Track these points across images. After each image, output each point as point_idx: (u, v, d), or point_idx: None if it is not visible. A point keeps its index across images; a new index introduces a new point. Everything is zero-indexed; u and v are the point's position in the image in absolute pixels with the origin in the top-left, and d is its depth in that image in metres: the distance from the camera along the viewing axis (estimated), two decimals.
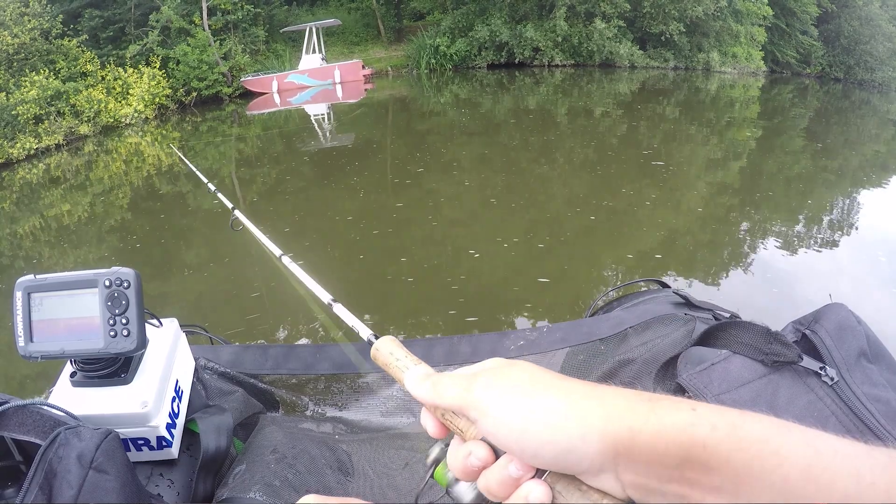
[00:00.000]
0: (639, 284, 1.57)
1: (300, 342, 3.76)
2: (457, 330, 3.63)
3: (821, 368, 0.81)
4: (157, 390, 0.75)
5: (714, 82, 17.72)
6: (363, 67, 18.12)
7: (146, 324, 0.77)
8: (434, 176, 7.52)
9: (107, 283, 0.70)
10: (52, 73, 12.84)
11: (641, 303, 1.23)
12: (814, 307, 0.91)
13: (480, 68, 19.33)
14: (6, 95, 11.41)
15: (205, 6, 15.97)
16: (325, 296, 0.78)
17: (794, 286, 4.36)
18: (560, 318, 3.79)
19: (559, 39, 18.36)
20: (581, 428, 0.34)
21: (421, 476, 0.47)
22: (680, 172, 7.43)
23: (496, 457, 0.38)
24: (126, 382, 0.75)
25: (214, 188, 1.67)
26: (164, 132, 13.28)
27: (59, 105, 12.34)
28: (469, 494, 0.42)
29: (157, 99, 14.77)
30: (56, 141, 11.87)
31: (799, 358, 0.82)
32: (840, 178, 7.77)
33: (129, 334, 0.70)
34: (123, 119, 13.78)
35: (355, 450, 0.97)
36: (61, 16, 13.90)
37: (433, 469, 0.44)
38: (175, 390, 0.81)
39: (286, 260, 1.09)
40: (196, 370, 0.92)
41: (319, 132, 12.00)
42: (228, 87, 16.44)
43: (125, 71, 14.53)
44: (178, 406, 0.81)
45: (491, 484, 0.38)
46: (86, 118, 12.80)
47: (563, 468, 0.35)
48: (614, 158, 8.09)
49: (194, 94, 15.83)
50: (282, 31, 18.72)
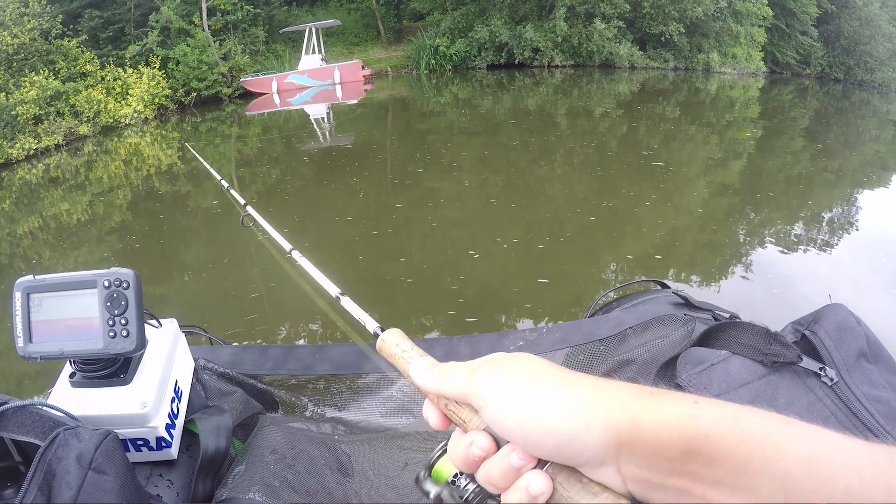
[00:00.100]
0: (638, 285, 1.57)
1: (299, 343, 3.76)
2: (456, 331, 3.63)
3: (820, 369, 0.81)
4: (157, 391, 0.75)
5: (714, 83, 17.72)
6: (363, 68, 18.14)
7: (145, 324, 0.77)
8: (434, 176, 7.52)
9: (106, 284, 0.70)
10: (52, 74, 12.83)
11: (641, 303, 1.23)
12: (814, 308, 0.91)
13: (480, 69, 19.33)
14: (6, 96, 11.40)
15: (204, 6, 15.98)
16: (334, 289, 0.79)
17: (794, 287, 4.36)
18: (560, 319, 3.79)
19: (559, 40, 18.37)
20: (585, 417, 0.34)
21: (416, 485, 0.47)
22: (680, 173, 7.43)
23: (497, 447, 0.38)
24: (125, 383, 0.75)
25: (227, 185, 1.69)
26: (164, 132, 13.28)
27: (59, 105, 12.34)
28: (468, 490, 0.42)
29: (157, 99, 14.78)
30: (55, 141, 11.87)
31: (798, 358, 0.82)
32: (840, 179, 7.77)
33: (129, 335, 0.70)
34: (123, 119, 13.78)
35: (355, 450, 0.97)
36: (61, 16, 13.90)
37: (435, 459, 0.44)
38: (174, 391, 0.81)
39: (296, 254, 1.11)
40: (195, 371, 0.92)
41: (319, 132, 12.00)
42: (228, 88, 16.45)
43: (125, 71, 14.53)
44: (178, 406, 0.81)
45: (492, 474, 0.38)
46: (85, 118, 12.80)
47: (565, 458, 0.35)
48: (614, 159, 8.09)
49: (194, 95, 15.83)
50: (281, 32, 18.73)
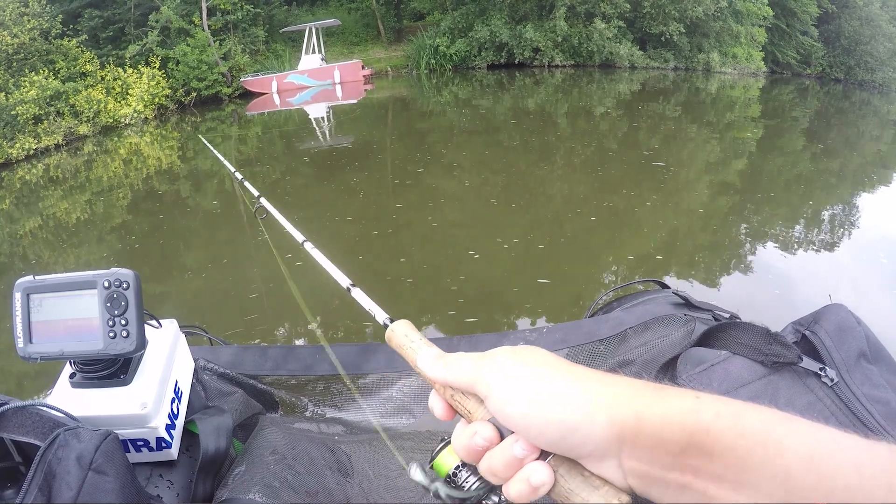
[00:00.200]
0: (638, 285, 1.57)
1: (299, 343, 3.76)
2: (456, 331, 3.63)
3: (820, 369, 0.81)
4: (157, 391, 0.75)
5: (714, 83, 17.72)
6: (363, 68, 18.14)
7: (145, 325, 0.77)
8: (434, 176, 7.52)
9: (106, 285, 0.70)
10: (52, 74, 12.83)
11: (641, 303, 1.23)
12: (814, 308, 0.91)
13: (480, 69, 19.33)
14: (6, 95, 11.41)
15: (204, 6, 15.98)
16: (345, 280, 0.81)
17: (795, 287, 4.36)
18: (560, 319, 3.79)
19: (559, 40, 18.37)
20: (588, 409, 0.34)
21: (419, 476, 0.47)
22: (680, 173, 7.43)
23: (501, 438, 0.39)
24: (125, 384, 0.75)
25: (241, 177, 1.70)
26: (164, 132, 13.28)
27: (59, 105, 12.34)
28: (468, 482, 0.42)
29: (157, 99, 14.78)
30: (55, 141, 11.88)
31: (799, 359, 0.82)
32: (841, 179, 7.76)
33: (129, 335, 0.70)
34: (123, 119, 13.79)
35: (355, 451, 0.97)
36: (61, 16, 13.91)
37: (437, 451, 0.45)
38: (174, 391, 0.80)
39: (308, 246, 1.12)
40: (195, 371, 0.92)
41: (319, 132, 12.00)
42: (228, 88, 16.45)
43: (125, 71, 14.54)
44: (178, 407, 0.80)
45: (495, 464, 0.38)
46: (85, 118, 12.80)
47: (568, 450, 0.36)
48: (615, 159, 8.09)
49: (194, 95, 15.83)
50: (281, 32, 18.73)
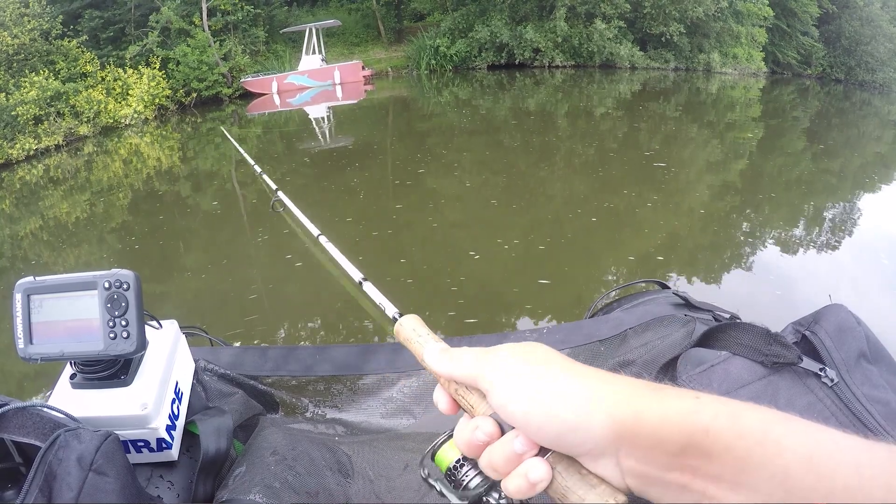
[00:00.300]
0: (639, 285, 1.56)
1: (300, 344, 3.76)
2: (456, 332, 3.62)
3: (820, 370, 0.81)
4: (157, 392, 0.75)
5: (715, 83, 17.72)
6: (363, 68, 18.14)
7: (146, 325, 0.77)
8: (434, 177, 7.52)
9: (106, 285, 0.70)
10: (52, 74, 12.84)
11: (641, 304, 1.23)
12: (814, 308, 0.90)
13: (480, 69, 19.34)
14: (6, 96, 11.42)
15: (205, 7, 15.99)
16: (357, 274, 0.82)
17: (795, 287, 4.36)
18: (560, 320, 3.79)
19: (559, 40, 18.37)
20: (588, 406, 0.35)
21: (420, 466, 0.48)
22: (681, 174, 7.42)
23: (502, 433, 0.39)
24: (126, 384, 0.75)
25: (260, 171, 1.73)
26: (164, 133, 13.28)
27: (59, 106, 12.35)
28: (468, 476, 0.43)
29: (157, 100, 14.79)
30: (56, 142, 11.88)
31: (799, 359, 0.82)
32: (842, 180, 7.76)
33: (129, 336, 0.70)
34: (123, 120, 13.80)
35: (355, 451, 0.97)
36: (61, 16, 13.92)
37: (440, 444, 0.45)
38: (175, 392, 0.81)
39: (323, 239, 1.14)
40: (196, 372, 0.92)
41: (319, 133, 12.00)
42: (228, 88, 16.46)
43: (125, 72, 14.55)
44: (178, 408, 0.81)
45: (495, 459, 0.38)
46: (85, 119, 12.81)
47: (566, 447, 0.36)
48: (615, 159, 8.09)
49: (194, 95, 15.85)
50: (282, 32, 18.74)
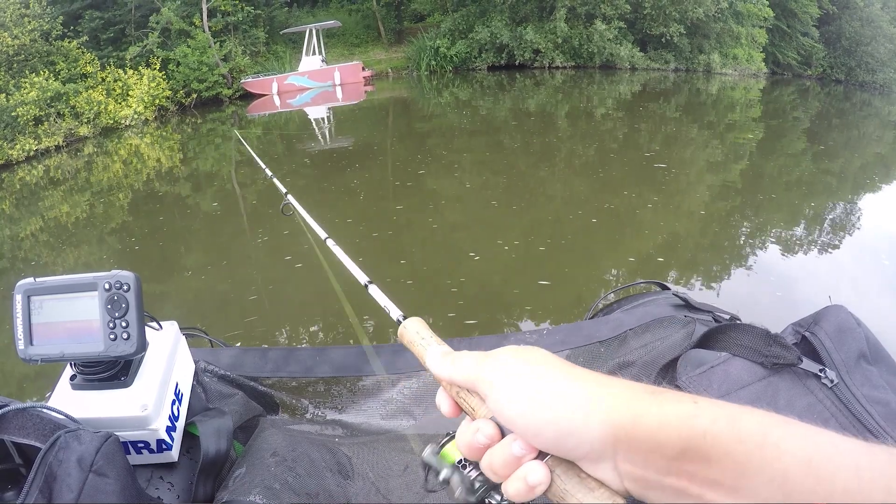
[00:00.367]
0: (639, 286, 1.56)
1: (300, 345, 3.76)
2: (456, 333, 3.62)
3: (820, 370, 0.81)
4: (157, 393, 0.75)
5: (715, 84, 17.72)
6: (363, 69, 18.16)
7: (146, 327, 0.77)
8: (434, 178, 7.52)
9: (106, 287, 0.70)
10: (52, 75, 12.85)
11: (641, 305, 1.23)
12: (815, 309, 0.91)
13: (481, 70, 19.35)
14: (6, 97, 11.42)
15: (205, 8, 16.00)
16: (363, 277, 0.82)
17: (796, 288, 4.36)
18: (560, 321, 3.79)
19: (559, 41, 18.38)
20: (585, 410, 0.35)
21: (421, 478, 0.49)
22: (682, 175, 7.42)
23: (502, 436, 0.40)
24: (126, 386, 0.75)
25: (271, 174, 1.74)
26: (164, 134, 13.29)
27: (59, 106, 12.36)
28: (470, 475, 0.43)
29: (157, 100, 14.80)
30: (56, 142, 11.89)
31: (798, 360, 0.82)
32: (842, 181, 7.75)
33: (129, 337, 0.70)
34: (123, 120, 13.80)
35: (355, 453, 0.97)
36: (61, 17, 13.93)
37: (443, 444, 0.46)
38: (175, 393, 0.81)
39: (330, 242, 1.14)
40: (196, 373, 0.92)
41: (319, 134, 12.01)
42: (228, 89, 16.47)
43: (125, 72, 14.56)
44: (178, 409, 0.81)
45: (494, 462, 0.39)
46: (85, 120, 12.82)
47: (564, 451, 0.36)
48: (616, 160, 8.09)
49: (194, 96, 15.86)
50: (282, 33, 18.75)
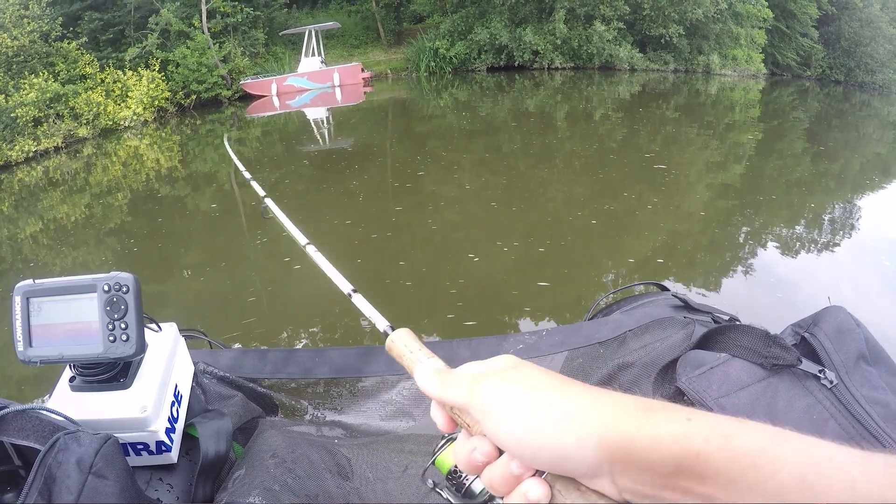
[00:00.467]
0: (638, 287, 1.57)
1: (299, 346, 3.76)
2: (456, 334, 3.62)
3: (820, 371, 0.81)
4: (157, 395, 0.75)
5: (714, 85, 17.74)
6: (362, 70, 18.15)
7: (145, 328, 0.77)
8: (434, 179, 7.52)
9: (105, 288, 0.70)
10: (52, 76, 12.83)
11: (640, 306, 1.23)
12: (814, 310, 0.91)
13: (480, 71, 19.36)
14: (5, 98, 11.40)
15: (204, 9, 16.00)
16: (346, 286, 0.80)
17: (796, 289, 4.36)
18: (560, 322, 3.79)
19: (559, 42, 18.40)
20: (578, 434, 0.35)
21: (421, 479, 0.48)
22: (681, 176, 7.42)
23: (500, 452, 0.40)
24: (125, 387, 0.74)
25: (250, 176, 1.72)
26: (164, 135, 13.28)
27: (58, 107, 12.35)
28: (469, 481, 0.44)
29: (157, 102, 14.79)
30: (55, 143, 11.88)
31: (798, 361, 0.82)
32: (842, 181, 7.76)
33: (128, 339, 0.70)
34: (122, 122, 13.79)
35: (355, 454, 0.97)
36: (61, 18, 13.91)
37: (440, 448, 0.45)
38: (174, 395, 0.80)
39: (310, 249, 1.11)
40: (195, 374, 0.92)
41: (318, 135, 12.01)
42: (228, 90, 16.47)
43: (124, 73, 14.55)
44: (178, 410, 0.80)
45: (493, 479, 0.39)
46: (85, 121, 12.81)
47: (561, 471, 0.37)
48: (615, 162, 8.09)
49: (193, 97, 15.85)
50: (281, 34, 18.75)
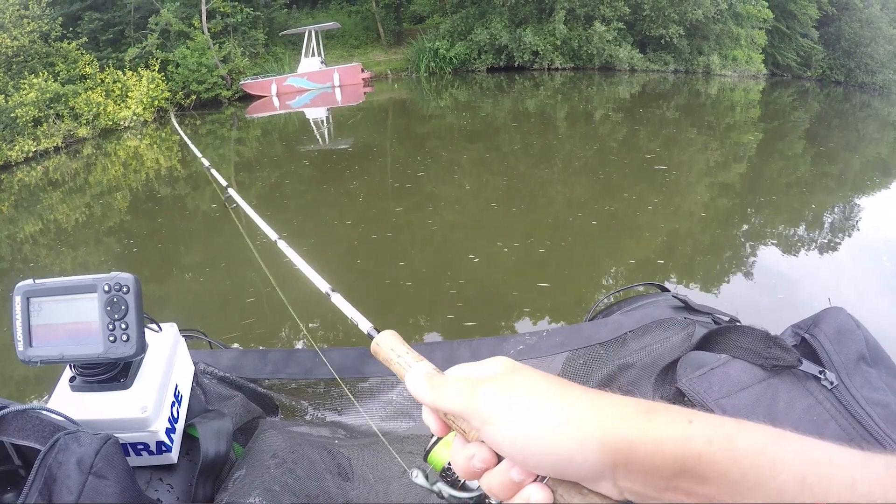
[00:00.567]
0: (638, 288, 1.56)
1: (299, 347, 3.76)
2: (455, 335, 3.62)
3: (820, 372, 0.81)
4: (157, 395, 0.75)
5: (714, 85, 17.74)
6: (362, 71, 18.14)
7: (145, 328, 0.77)
8: (434, 180, 7.51)
9: (106, 289, 0.70)
10: (51, 76, 12.83)
11: (641, 307, 1.23)
12: (815, 311, 0.90)
13: (480, 72, 19.35)
14: (5, 98, 11.40)
15: (204, 9, 15.99)
16: (324, 285, 0.76)
17: (797, 290, 4.35)
18: (560, 323, 3.79)
19: (559, 43, 18.40)
20: (580, 439, 0.35)
21: (421, 480, 0.48)
22: (682, 176, 7.42)
23: (498, 458, 0.39)
24: (125, 387, 0.74)
25: (209, 164, 1.64)
26: (163, 135, 13.28)
27: (58, 108, 12.34)
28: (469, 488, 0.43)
29: (156, 102, 14.79)
30: (55, 144, 11.87)
31: (798, 362, 0.82)
32: (842, 182, 7.76)
33: (129, 339, 0.70)
34: (122, 122, 13.79)
35: (355, 454, 0.97)
36: (61, 18, 13.90)
37: (431, 446, 0.45)
38: (174, 395, 0.80)
39: (282, 244, 1.05)
40: (195, 375, 0.92)
41: (318, 135, 12.00)
42: (227, 90, 16.46)
43: (124, 74, 14.54)
44: (178, 411, 0.80)
45: (493, 486, 0.39)
46: (84, 121, 12.80)
47: (564, 476, 0.36)
48: (615, 162, 8.08)
49: (193, 97, 15.84)
50: (281, 34, 18.73)
